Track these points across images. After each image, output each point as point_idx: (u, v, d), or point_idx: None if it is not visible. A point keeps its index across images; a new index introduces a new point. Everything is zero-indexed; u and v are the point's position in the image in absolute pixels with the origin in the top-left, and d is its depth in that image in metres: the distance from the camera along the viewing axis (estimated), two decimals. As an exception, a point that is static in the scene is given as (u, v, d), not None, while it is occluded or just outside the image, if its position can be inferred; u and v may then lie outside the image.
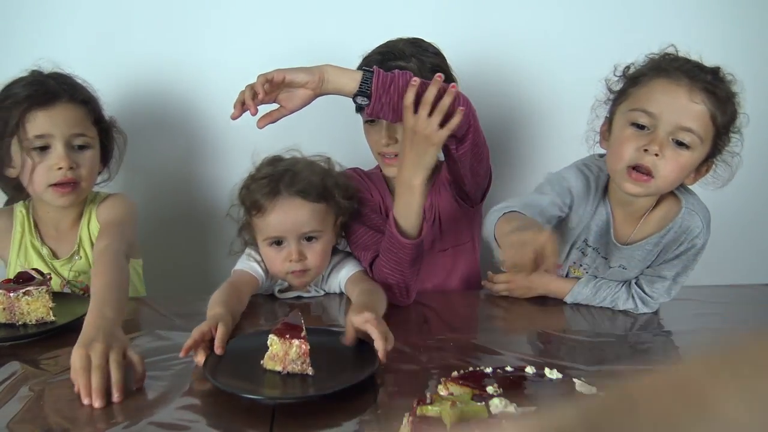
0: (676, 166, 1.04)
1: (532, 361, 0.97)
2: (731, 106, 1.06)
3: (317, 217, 1.21)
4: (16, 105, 1.21)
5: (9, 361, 0.96)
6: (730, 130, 1.07)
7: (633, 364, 0.98)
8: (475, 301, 1.30)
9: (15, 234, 1.32)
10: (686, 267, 1.17)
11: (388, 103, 1.07)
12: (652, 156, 1.03)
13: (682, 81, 1.03)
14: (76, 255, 1.33)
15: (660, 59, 1.09)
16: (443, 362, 0.97)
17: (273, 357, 0.91)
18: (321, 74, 1.05)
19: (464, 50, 1.57)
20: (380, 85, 1.06)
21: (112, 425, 0.78)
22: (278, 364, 0.91)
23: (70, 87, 1.27)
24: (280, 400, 0.86)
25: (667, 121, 1.03)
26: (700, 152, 1.06)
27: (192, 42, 1.62)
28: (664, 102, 1.04)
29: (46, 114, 1.22)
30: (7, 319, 1.09)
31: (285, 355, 0.90)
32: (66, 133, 1.23)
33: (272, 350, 0.91)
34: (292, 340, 0.90)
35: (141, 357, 0.90)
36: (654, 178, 1.05)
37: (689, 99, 1.03)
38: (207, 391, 0.87)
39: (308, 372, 0.90)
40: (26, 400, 0.84)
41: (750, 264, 1.71)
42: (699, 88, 1.03)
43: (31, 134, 1.21)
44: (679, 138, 1.03)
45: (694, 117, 1.03)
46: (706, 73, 1.04)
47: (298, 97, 1.07)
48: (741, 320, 1.16)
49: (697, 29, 1.64)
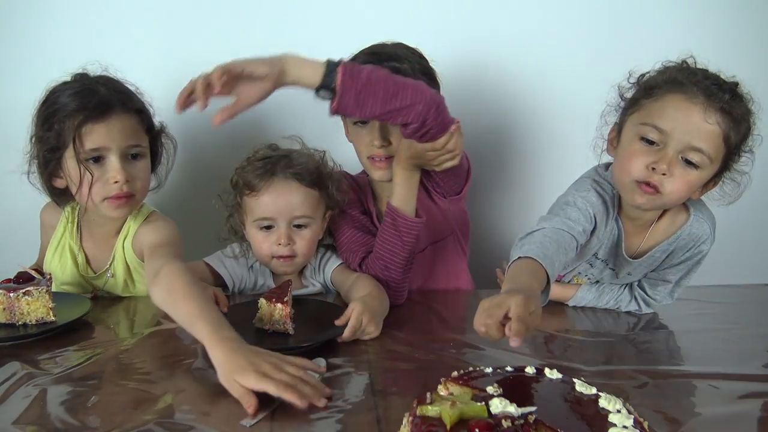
0: (683, 185, 1.02)
1: (533, 361, 0.97)
2: (745, 124, 1.02)
3: (309, 203, 1.23)
4: (70, 117, 1.16)
5: (9, 361, 0.96)
6: (741, 149, 1.05)
7: (635, 363, 0.98)
8: (476, 301, 1.30)
9: (57, 232, 1.32)
10: (690, 271, 1.17)
11: (355, 98, 0.99)
12: (659, 175, 1.01)
13: (698, 99, 0.99)
14: (108, 272, 1.30)
15: (677, 71, 1.05)
16: (443, 362, 0.97)
17: (261, 317, 1.08)
18: (281, 65, 0.97)
19: (460, 55, 1.58)
20: (347, 77, 0.97)
21: (113, 425, 0.78)
22: (265, 323, 1.08)
23: (122, 96, 1.22)
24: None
25: (678, 139, 1.00)
26: (709, 171, 1.03)
27: (231, 44, 1.60)
28: (678, 119, 1.00)
29: (103, 126, 1.18)
30: (7, 319, 1.09)
31: (270, 316, 1.07)
32: (121, 145, 1.20)
33: (261, 311, 1.08)
34: (276, 303, 1.06)
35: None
36: (661, 194, 1.03)
37: (704, 119, 0.99)
38: (209, 391, 0.87)
39: (289, 331, 1.06)
40: (26, 400, 0.84)
41: (750, 264, 1.71)
42: (715, 108, 0.99)
43: (87, 147, 1.18)
44: (689, 157, 1.01)
45: (707, 137, 0.99)
46: (723, 92, 1.00)
47: (257, 90, 0.98)
48: (741, 320, 1.16)
49: (698, 32, 1.65)
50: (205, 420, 0.80)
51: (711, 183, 1.08)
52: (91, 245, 1.32)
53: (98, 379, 0.91)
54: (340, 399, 0.85)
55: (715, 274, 1.46)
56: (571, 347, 1.05)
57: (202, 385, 0.89)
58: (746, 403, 0.84)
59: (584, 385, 0.75)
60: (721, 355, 1.00)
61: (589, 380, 0.89)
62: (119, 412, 0.82)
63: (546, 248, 0.98)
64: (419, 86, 1.04)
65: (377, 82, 1.00)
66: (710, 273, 1.49)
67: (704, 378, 0.91)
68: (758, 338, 1.06)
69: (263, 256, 1.26)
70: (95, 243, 1.31)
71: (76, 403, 0.84)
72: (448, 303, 1.30)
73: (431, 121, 1.05)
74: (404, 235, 1.21)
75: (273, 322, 1.07)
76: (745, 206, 1.78)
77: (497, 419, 0.65)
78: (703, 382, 0.90)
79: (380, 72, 1.02)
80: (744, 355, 1.00)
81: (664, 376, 0.92)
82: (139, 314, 1.20)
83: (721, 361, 0.97)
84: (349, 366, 0.96)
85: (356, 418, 0.80)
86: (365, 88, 0.99)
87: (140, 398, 0.85)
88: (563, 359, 0.98)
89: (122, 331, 1.13)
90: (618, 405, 0.70)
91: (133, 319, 1.18)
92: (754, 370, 0.94)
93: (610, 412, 0.68)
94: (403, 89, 1.01)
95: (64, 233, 1.31)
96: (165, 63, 1.54)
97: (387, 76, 1.02)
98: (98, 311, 1.20)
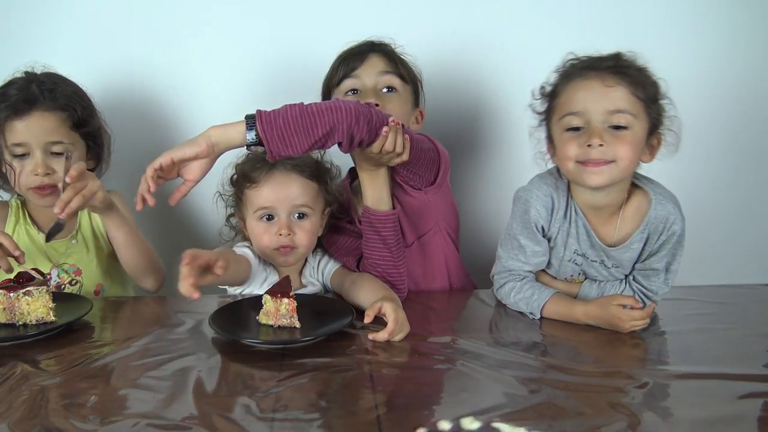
0: (625, 146, 1.07)
1: (533, 360, 0.97)
2: (645, 77, 1.09)
3: (309, 194, 1.26)
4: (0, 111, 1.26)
5: (9, 361, 0.96)
6: (657, 99, 1.11)
7: (635, 363, 0.98)
8: (476, 301, 1.30)
9: (9, 222, 1.37)
10: (674, 255, 1.17)
11: (280, 141, 1.06)
12: (597, 148, 1.07)
13: (589, 74, 1.09)
14: (74, 239, 1.38)
15: (567, 67, 1.15)
16: (443, 362, 0.97)
17: (266, 313, 1.09)
18: (207, 140, 1.06)
19: (438, 49, 1.60)
20: (266, 127, 1.04)
21: (111, 425, 0.78)
22: (271, 318, 1.08)
23: (50, 93, 1.30)
24: (272, 345, 1.03)
25: (595, 111, 1.07)
26: (641, 127, 1.09)
27: (180, 45, 1.65)
28: (586, 97, 1.09)
29: (23, 123, 1.27)
30: (7, 319, 1.09)
31: (276, 311, 1.08)
32: (42, 141, 1.28)
33: (266, 307, 1.09)
34: (282, 298, 1.07)
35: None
36: (612, 162, 1.07)
37: (604, 85, 1.07)
38: (209, 392, 0.88)
39: (296, 325, 1.07)
40: (26, 400, 0.84)
41: (750, 264, 1.71)
42: (607, 73, 1.08)
43: (9, 142, 1.28)
44: (614, 122, 1.07)
45: (616, 98, 1.07)
46: (607, 60, 1.10)
47: (197, 168, 1.08)
48: (741, 320, 1.16)
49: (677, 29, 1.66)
50: (204, 420, 0.79)
51: (655, 142, 1.13)
52: (49, 224, 1.34)
53: (98, 379, 0.92)
54: (341, 398, 0.85)
55: (714, 274, 1.47)
56: (571, 347, 1.05)
57: (202, 386, 0.89)
58: (746, 403, 0.84)
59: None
60: (721, 355, 1.00)
61: (589, 380, 0.90)
62: (119, 412, 0.82)
63: (538, 286, 1.20)
64: (335, 107, 1.08)
65: (294, 120, 1.06)
66: (709, 273, 1.49)
67: (704, 378, 0.91)
68: (758, 338, 1.06)
69: (264, 247, 1.26)
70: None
71: (76, 403, 0.84)
72: (449, 303, 1.30)
73: (358, 134, 1.09)
74: (381, 230, 1.24)
75: (279, 317, 1.08)
76: (746, 206, 1.81)
77: None
78: (703, 382, 0.90)
79: (294, 109, 1.07)
80: (744, 355, 1.00)
81: (664, 376, 0.92)
82: (139, 315, 1.21)
83: (721, 361, 0.97)
84: (350, 365, 0.96)
85: (356, 418, 0.80)
86: (285, 130, 1.05)
87: (140, 398, 0.85)
88: (563, 359, 0.98)
89: (122, 331, 1.13)
90: None
91: (133, 320, 1.18)
92: (754, 370, 0.94)
93: None
94: (320, 116, 1.07)
95: (17, 221, 1.37)
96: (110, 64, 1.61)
97: (302, 110, 1.07)
98: (98, 311, 1.20)
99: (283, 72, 1.64)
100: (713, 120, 1.73)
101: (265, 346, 1.03)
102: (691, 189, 1.78)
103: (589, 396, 0.85)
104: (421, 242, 1.37)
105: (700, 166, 1.74)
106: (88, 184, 1.16)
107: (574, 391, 0.87)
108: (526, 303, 1.18)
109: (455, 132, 1.68)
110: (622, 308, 1.08)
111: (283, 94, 1.67)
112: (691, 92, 1.73)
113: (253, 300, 1.15)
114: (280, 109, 1.08)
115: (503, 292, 1.23)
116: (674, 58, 1.69)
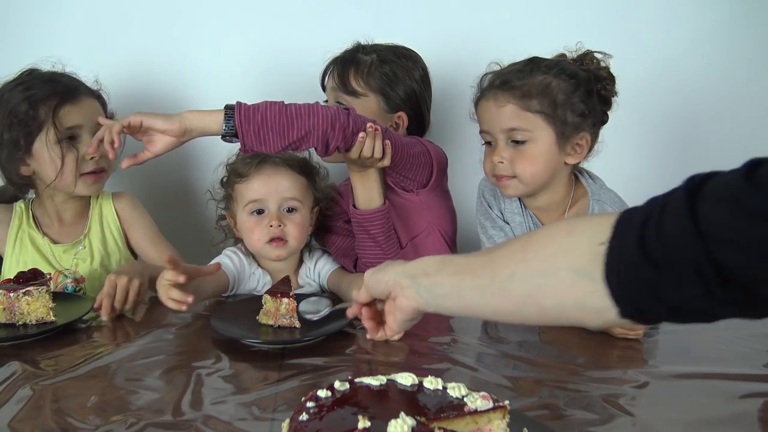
0: (524, 161, 1.15)
1: (532, 361, 0.97)
2: (541, 87, 1.13)
3: (298, 188, 1.28)
4: (44, 101, 1.26)
5: (9, 361, 0.96)
6: (562, 104, 1.13)
7: (635, 363, 0.98)
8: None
9: (12, 226, 1.36)
10: None
11: (255, 137, 1.07)
12: (499, 164, 1.16)
13: (489, 94, 1.17)
14: (80, 245, 1.37)
15: (479, 85, 1.21)
16: (443, 362, 0.97)
17: (266, 313, 1.09)
18: (181, 123, 1.07)
19: (444, 52, 1.59)
20: (243, 120, 1.06)
21: (111, 425, 0.78)
22: (271, 318, 1.08)
23: (82, 83, 1.34)
24: (272, 345, 1.03)
25: (496, 130, 1.16)
26: (545, 137, 1.14)
27: (185, 42, 1.66)
28: (485, 117, 1.18)
29: (76, 107, 1.29)
30: (7, 319, 1.09)
31: (276, 311, 1.08)
32: (91, 124, 1.30)
33: (266, 307, 1.09)
34: (282, 298, 1.07)
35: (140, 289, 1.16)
36: (514, 177, 1.16)
37: (497, 106, 1.14)
38: (209, 392, 0.87)
39: (295, 324, 1.06)
40: (26, 400, 0.84)
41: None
42: (501, 91, 1.14)
43: (65, 126, 1.28)
44: (514, 138, 1.15)
45: (510, 117, 1.14)
46: (502, 74, 1.16)
47: (161, 142, 1.09)
48: (740, 320, 1.15)
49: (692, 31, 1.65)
50: (205, 420, 0.79)
51: (582, 141, 1.17)
52: (55, 232, 1.37)
53: (98, 379, 0.91)
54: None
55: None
56: (570, 347, 1.05)
57: (202, 386, 0.89)
58: (747, 403, 0.84)
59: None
60: (721, 355, 1.00)
61: (588, 380, 0.90)
62: (119, 412, 0.81)
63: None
64: (313, 111, 1.10)
65: (272, 119, 1.08)
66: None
67: (704, 378, 0.91)
68: (758, 338, 1.06)
69: (255, 242, 1.27)
70: (61, 228, 1.38)
71: (76, 403, 0.83)
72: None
73: (333, 140, 1.12)
74: (370, 228, 1.25)
75: (279, 317, 1.08)
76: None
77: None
78: (704, 382, 0.90)
79: (274, 108, 1.10)
80: (744, 355, 1.00)
81: (664, 376, 0.92)
82: (139, 315, 1.20)
83: (721, 360, 0.97)
84: (349, 365, 0.96)
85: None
86: (261, 127, 1.08)
87: (140, 398, 0.85)
88: (562, 359, 0.98)
89: (122, 331, 1.12)
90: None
91: (133, 319, 1.18)
92: (754, 369, 0.94)
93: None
94: (298, 119, 1.09)
95: (21, 225, 1.36)
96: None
97: (281, 110, 1.09)
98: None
99: (290, 68, 1.66)
100: (719, 118, 1.74)
101: (265, 346, 1.04)
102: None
103: (589, 396, 0.85)
104: (414, 243, 1.37)
105: (703, 166, 1.74)
106: (134, 285, 1.16)
107: (573, 391, 0.87)
108: None
109: (460, 135, 1.67)
110: None
111: (286, 93, 1.67)
112: (692, 90, 1.74)
113: (253, 300, 1.15)
114: (260, 105, 1.09)
115: None
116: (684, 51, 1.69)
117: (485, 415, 0.64)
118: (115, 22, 1.63)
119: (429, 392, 0.67)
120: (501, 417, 0.64)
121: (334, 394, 0.65)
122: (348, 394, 0.65)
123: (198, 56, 1.66)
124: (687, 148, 1.74)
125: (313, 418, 0.60)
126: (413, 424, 0.56)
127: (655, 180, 1.25)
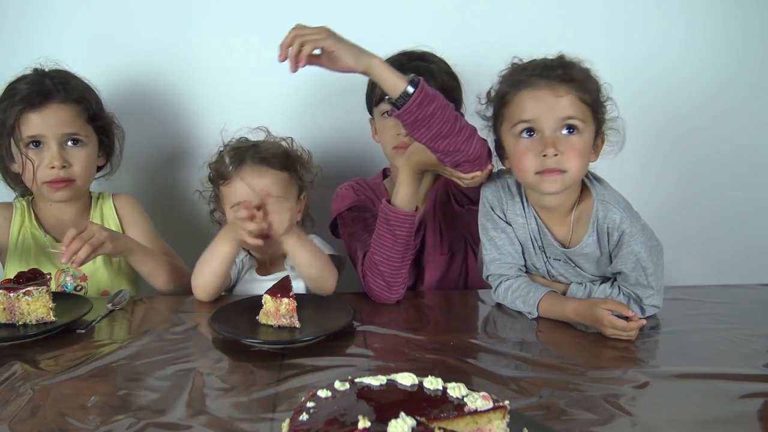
0: (577, 154, 1.11)
1: (532, 361, 0.97)
2: (590, 82, 1.13)
3: (280, 183, 1.29)
4: (12, 106, 1.26)
5: (9, 361, 0.96)
6: (600, 101, 1.14)
7: (635, 363, 0.98)
8: (475, 301, 1.30)
9: (14, 224, 1.36)
10: (640, 256, 1.13)
11: (411, 122, 1.08)
12: (552, 158, 1.10)
13: (540, 83, 1.11)
14: None
15: (514, 74, 1.16)
16: (443, 362, 0.97)
17: (266, 313, 1.09)
18: (366, 69, 1.08)
19: (468, 54, 1.59)
20: (415, 104, 1.06)
21: (111, 425, 0.78)
22: (271, 318, 1.09)
23: (64, 86, 1.31)
24: (272, 345, 1.03)
25: (547, 120, 1.10)
26: (589, 131, 1.13)
27: (189, 40, 1.66)
28: (537, 107, 1.11)
29: (39, 115, 1.27)
30: (7, 319, 1.09)
31: (276, 311, 1.08)
32: (57, 133, 1.29)
33: (266, 307, 1.09)
34: (282, 298, 1.08)
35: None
36: (566, 171, 1.11)
37: (554, 95, 1.10)
38: (209, 392, 0.87)
39: (296, 324, 1.07)
40: (26, 400, 0.84)
41: (749, 264, 1.71)
42: (556, 82, 1.10)
43: (25, 135, 1.27)
44: (570, 124, 1.11)
45: (566, 107, 1.10)
46: (555, 68, 1.12)
47: (341, 66, 1.09)
48: (741, 320, 1.15)
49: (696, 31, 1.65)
50: (204, 420, 0.79)
51: (599, 141, 1.17)
52: (57, 230, 1.37)
53: (98, 379, 0.92)
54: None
55: (715, 274, 1.47)
56: (570, 347, 1.05)
57: (202, 386, 0.89)
58: (747, 403, 0.84)
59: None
60: (721, 355, 1.00)
61: (588, 380, 0.90)
62: (119, 412, 0.81)
63: (534, 285, 1.21)
64: (472, 137, 1.13)
65: (441, 119, 1.08)
66: (710, 273, 1.49)
67: (704, 378, 0.91)
68: (758, 338, 1.06)
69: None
70: (61, 225, 1.37)
71: (76, 403, 0.83)
72: (449, 303, 1.30)
73: (464, 167, 1.16)
74: (396, 229, 1.23)
75: (279, 317, 1.08)
76: (746, 207, 1.81)
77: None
78: (704, 382, 0.90)
79: (449, 109, 1.10)
80: (744, 355, 1.00)
81: (664, 376, 0.92)
82: (139, 315, 1.20)
83: (721, 361, 0.97)
84: (349, 365, 0.96)
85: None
86: (425, 120, 1.08)
87: (140, 398, 0.85)
88: (562, 359, 0.98)
89: (122, 331, 1.13)
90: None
91: (133, 319, 1.18)
92: (754, 370, 0.94)
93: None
94: (460, 135, 1.11)
95: (23, 223, 1.37)
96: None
97: (453, 115, 1.10)
98: (98, 312, 1.20)
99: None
100: (716, 122, 1.74)
101: (265, 346, 1.04)
102: (692, 189, 1.80)
103: (589, 396, 0.85)
104: (452, 253, 1.42)
105: (704, 166, 1.75)
106: (95, 234, 1.18)
107: (574, 391, 0.87)
108: (523, 300, 1.19)
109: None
110: (608, 312, 1.06)
111: (286, 93, 1.68)
112: (692, 93, 1.74)
113: (253, 300, 1.15)
114: (439, 95, 1.10)
115: (499, 292, 1.23)
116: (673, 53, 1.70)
117: (485, 415, 0.64)
118: (115, 22, 1.63)
119: (429, 392, 0.67)
120: (501, 417, 0.64)
121: (334, 394, 0.65)
122: (348, 394, 0.65)
123: (198, 56, 1.66)
124: (687, 149, 1.74)
125: (313, 418, 0.60)
126: (413, 424, 0.56)
127: (655, 180, 1.27)
